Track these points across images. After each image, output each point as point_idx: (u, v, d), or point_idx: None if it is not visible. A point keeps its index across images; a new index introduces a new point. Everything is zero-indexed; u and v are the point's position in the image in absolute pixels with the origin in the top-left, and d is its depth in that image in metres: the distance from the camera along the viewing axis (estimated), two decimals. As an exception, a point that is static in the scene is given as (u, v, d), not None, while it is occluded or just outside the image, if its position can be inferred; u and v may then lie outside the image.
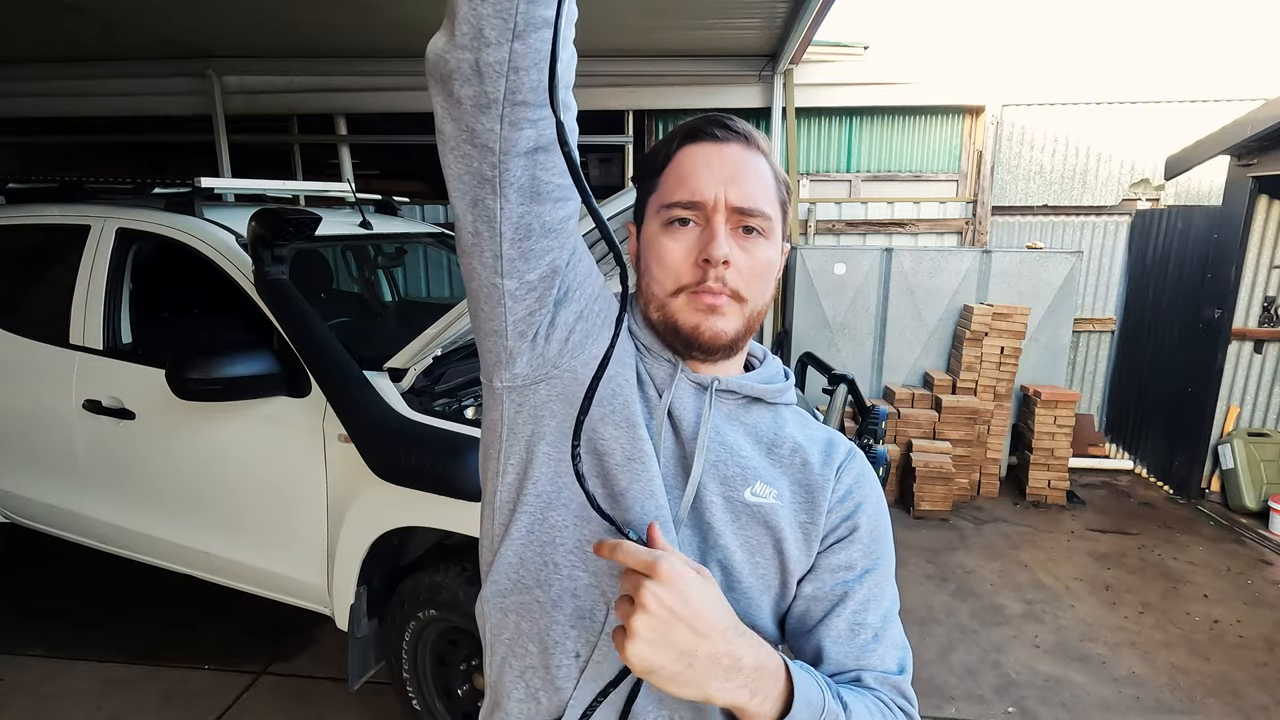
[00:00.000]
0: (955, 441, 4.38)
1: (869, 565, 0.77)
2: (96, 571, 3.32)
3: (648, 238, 0.74)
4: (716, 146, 0.72)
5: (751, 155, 0.73)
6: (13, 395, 2.74)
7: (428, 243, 3.51)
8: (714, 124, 0.73)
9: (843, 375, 3.00)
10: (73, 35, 4.41)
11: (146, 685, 2.61)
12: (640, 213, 0.77)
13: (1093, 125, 5.02)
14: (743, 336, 0.74)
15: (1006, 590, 3.38)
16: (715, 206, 0.70)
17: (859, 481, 0.79)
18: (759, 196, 0.71)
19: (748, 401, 0.78)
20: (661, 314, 0.74)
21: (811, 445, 0.79)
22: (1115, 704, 2.59)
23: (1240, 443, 4.41)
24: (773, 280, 0.75)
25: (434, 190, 11.26)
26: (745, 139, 0.73)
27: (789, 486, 0.77)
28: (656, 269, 0.73)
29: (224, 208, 2.77)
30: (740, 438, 0.77)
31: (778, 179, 0.75)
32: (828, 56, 4.92)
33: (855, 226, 5.18)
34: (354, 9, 3.87)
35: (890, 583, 0.79)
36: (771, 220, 0.72)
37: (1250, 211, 4.22)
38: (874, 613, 0.75)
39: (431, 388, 2.16)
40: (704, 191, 0.70)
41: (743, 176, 0.71)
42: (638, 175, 0.77)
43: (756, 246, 0.72)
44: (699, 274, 0.70)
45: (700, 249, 0.70)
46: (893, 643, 0.75)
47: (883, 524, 0.80)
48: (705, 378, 0.76)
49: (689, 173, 0.71)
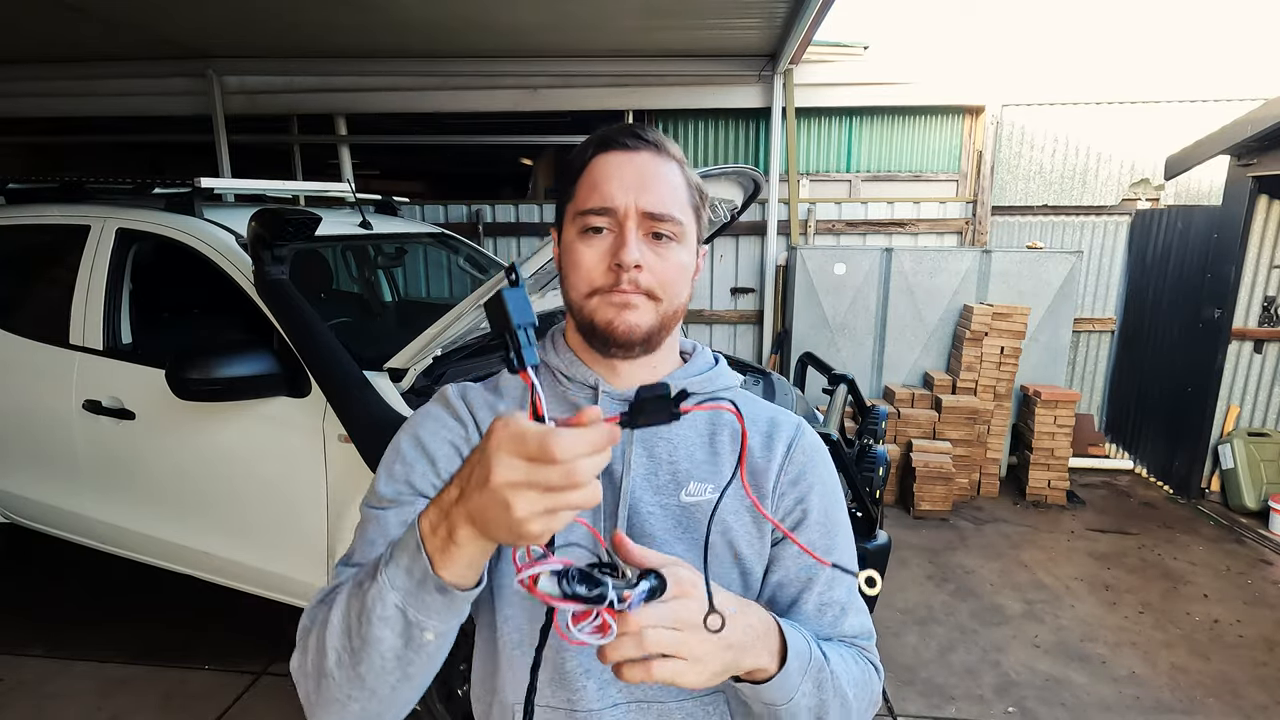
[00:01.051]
0: (955, 441, 4.38)
1: (828, 545, 0.80)
2: (96, 571, 3.32)
3: (566, 243, 0.77)
4: (628, 155, 0.74)
5: (662, 163, 0.75)
6: (13, 395, 2.74)
7: (428, 243, 3.51)
8: (625, 134, 0.75)
9: (843, 375, 3.00)
10: (73, 35, 4.41)
11: (146, 685, 2.61)
12: (560, 219, 0.79)
13: (1093, 125, 5.02)
14: (658, 332, 0.76)
15: (1006, 590, 3.38)
16: (626, 213, 0.72)
17: (810, 460, 0.82)
18: (669, 202, 0.74)
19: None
20: (580, 315, 0.76)
21: (751, 429, 0.82)
22: (1115, 704, 2.59)
23: (1240, 442, 4.42)
24: (688, 281, 0.77)
25: (434, 190, 11.27)
26: (656, 147, 0.76)
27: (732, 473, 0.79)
28: (573, 274, 0.75)
29: (224, 208, 2.77)
30: (678, 436, 0.80)
31: (689, 185, 0.77)
32: (828, 56, 4.92)
33: (855, 226, 5.18)
34: (355, 9, 3.87)
35: (849, 557, 0.82)
36: (682, 225, 0.75)
37: (1250, 211, 4.22)
38: (839, 589, 0.79)
39: (431, 388, 2.16)
40: (615, 198, 0.72)
41: (653, 184, 0.73)
42: (556, 180, 0.79)
43: (668, 250, 0.74)
44: (612, 278, 0.73)
45: (613, 254, 0.73)
46: (857, 610, 0.81)
47: (835, 502, 0.83)
48: (628, 391, 0.78)
49: (601, 180, 0.74)
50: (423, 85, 5.08)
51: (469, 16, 4.02)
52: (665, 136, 0.78)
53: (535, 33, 4.33)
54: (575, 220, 0.75)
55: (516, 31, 4.29)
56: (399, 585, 0.58)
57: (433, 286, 4.95)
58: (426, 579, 0.57)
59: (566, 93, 5.06)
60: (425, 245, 3.66)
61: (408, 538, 0.59)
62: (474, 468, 0.52)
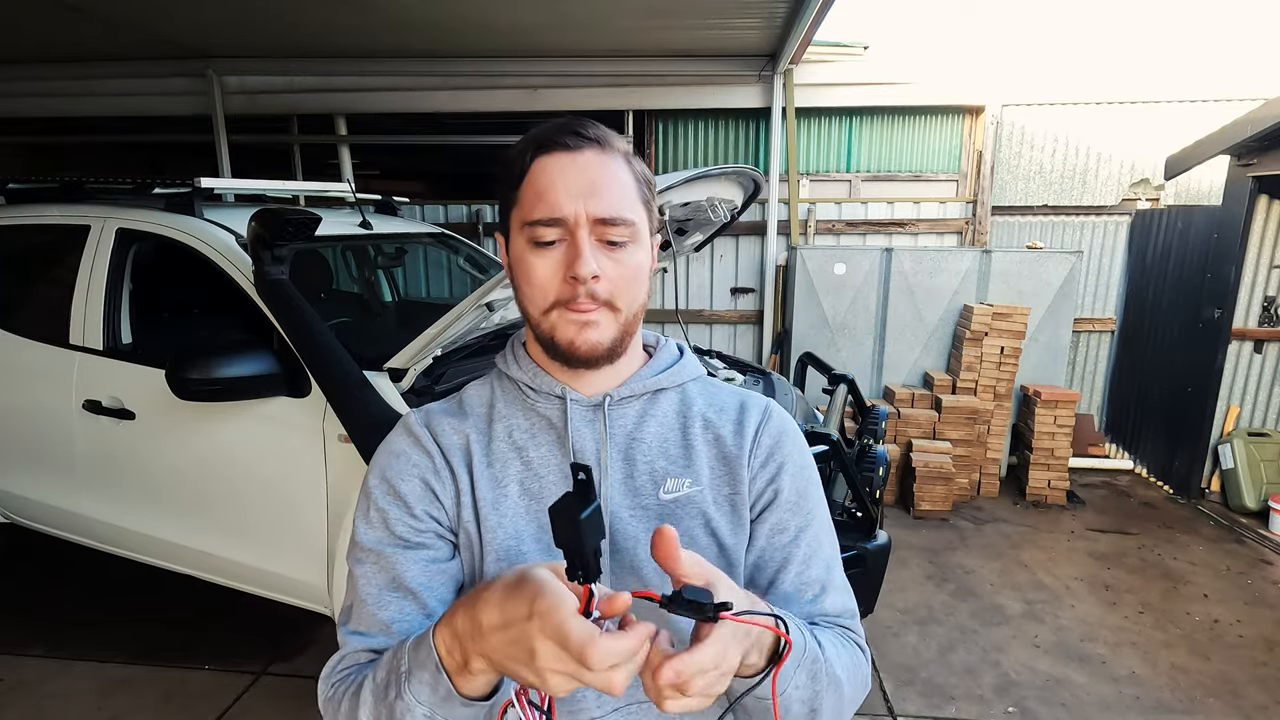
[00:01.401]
0: (955, 441, 4.38)
1: (802, 523, 0.79)
2: (96, 571, 3.32)
3: (516, 253, 0.73)
4: (570, 156, 0.70)
5: (608, 160, 0.71)
6: (13, 395, 2.74)
7: (428, 243, 3.51)
8: (566, 132, 0.71)
9: (843, 375, 3.01)
10: (73, 35, 4.41)
11: (146, 685, 2.61)
12: (505, 225, 0.75)
13: (1093, 125, 5.02)
14: (621, 341, 0.74)
15: (1006, 590, 3.38)
16: (577, 221, 0.69)
17: (779, 442, 0.81)
18: (621, 203, 0.70)
19: (652, 395, 0.80)
20: (539, 330, 0.74)
21: (721, 416, 0.81)
22: (1115, 704, 2.59)
23: (1240, 442, 4.42)
24: (645, 281, 0.75)
25: (434, 190, 11.26)
26: (599, 144, 0.71)
27: (708, 464, 0.79)
28: (527, 288, 0.72)
29: (224, 208, 2.77)
30: (652, 434, 0.79)
31: (638, 178, 0.74)
32: (828, 56, 4.92)
33: (855, 226, 5.18)
34: (355, 9, 3.87)
35: (826, 533, 0.81)
36: (636, 225, 0.72)
37: (1250, 211, 4.22)
38: (816, 567, 0.78)
39: (431, 388, 2.16)
40: (563, 207, 0.69)
41: (602, 185, 0.69)
42: (498, 183, 0.77)
43: (624, 254, 0.71)
44: (569, 290, 0.70)
45: (567, 266, 0.69)
46: (837, 588, 0.80)
47: (807, 479, 0.81)
48: (598, 397, 0.78)
49: (546, 187, 0.69)
50: (423, 85, 5.08)
51: (468, 16, 4.02)
52: (606, 129, 0.73)
53: (535, 33, 4.33)
54: (523, 230, 0.71)
55: (516, 31, 4.29)
56: (425, 700, 0.61)
57: (433, 286, 4.95)
58: (451, 696, 0.60)
59: (566, 93, 5.06)
60: (425, 245, 3.66)
61: (425, 657, 0.60)
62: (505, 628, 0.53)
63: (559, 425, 0.77)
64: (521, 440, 0.78)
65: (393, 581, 0.74)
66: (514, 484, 0.77)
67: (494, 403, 0.81)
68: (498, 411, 0.80)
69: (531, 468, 0.77)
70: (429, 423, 0.81)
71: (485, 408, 0.82)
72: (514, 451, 0.78)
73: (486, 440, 0.79)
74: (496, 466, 0.77)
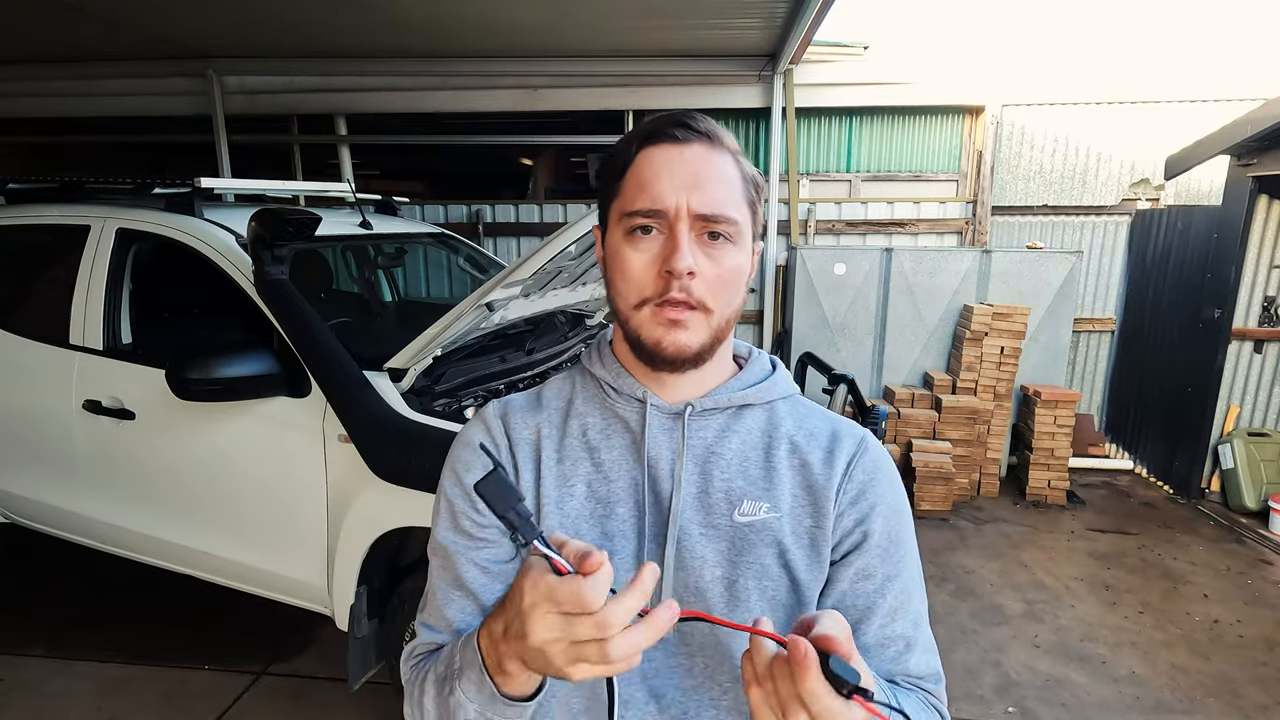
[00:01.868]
0: (955, 441, 4.38)
1: (891, 572, 0.73)
2: (96, 571, 3.32)
3: (611, 246, 0.71)
4: (678, 149, 0.68)
5: (716, 156, 0.69)
6: (13, 395, 2.74)
7: (428, 243, 3.50)
8: (675, 124, 0.69)
9: (843, 375, 3.00)
10: (73, 35, 4.41)
11: (146, 685, 2.61)
12: (604, 219, 0.74)
13: (1093, 125, 5.02)
14: (710, 347, 0.71)
15: (1006, 590, 3.38)
16: (678, 214, 0.66)
17: (873, 479, 0.75)
18: (724, 201, 0.68)
19: (737, 410, 0.76)
20: (627, 327, 0.71)
21: (810, 443, 0.76)
22: (1115, 704, 2.59)
23: (1240, 442, 4.42)
24: (742, 286, 0.72)
25: (434, 190, 11.26)
26: (709, 138, 0.69)
27: (790, 491, 0.73)
28: (620, 282, 0.70)
29: (224, 208, 2.77)
30: (732, 451, 0.74)
31: (745, 178, 0.71)
32: (828, 56, 4.92)
33: (855, 226, 5.18)
34: (354, 9, 3.87)
35: (916, 585, 0.75)
36: (738, 225, 0.69)
37: (1250, 211, 4.22)
38: (902, 623, 0.72)
39: (431, 388, 2.16)
40: (665, 198, 0.66)
41: (706, 180, 0.67)
42: (600, 177, 0.75)
43: (723, 253, 0.68)
44: (662, 285, 0.67)
45: (663, 260, 0.67)
46: (924, 647, 0.73)
47: (901, 523, 0.75)
48: (679, 405, 0.74)
49: (649, 178, 0.67)
50: (423, 85, 5.08)
51: (467, 16, 4.02)
52: (719, 126, 0.71)
53: (535, 32, 4.33)
54: (621, 221, 0.69)
55: (516, 31, 4.29)
56: (473, 698, 0.62)
57: (433, 286, 4.95)
58: (495, 698, 0.60)
59: (566, 93, 5.06)
60: (425, 245, 3.66)
61: (471, 655, 0.61)
62: (512, 618, 0.54)
63: (636, 430, 0.75)
64: (595, 440, 0.76)
65: (456, 580, 0.73)
66: (581, 484, 0.74)
67: (572, 398, 0.79)
68: (575, 408, 0.78)
69: (602, 470, 0.74)
70: (505, 414, 0.79)
71: (563, 403, 0.79)
72: (585, 451, 0.75)
73: (560, 436, 0.77)
74: (566, 464, 0.75)
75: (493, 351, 2.46)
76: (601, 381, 0.77)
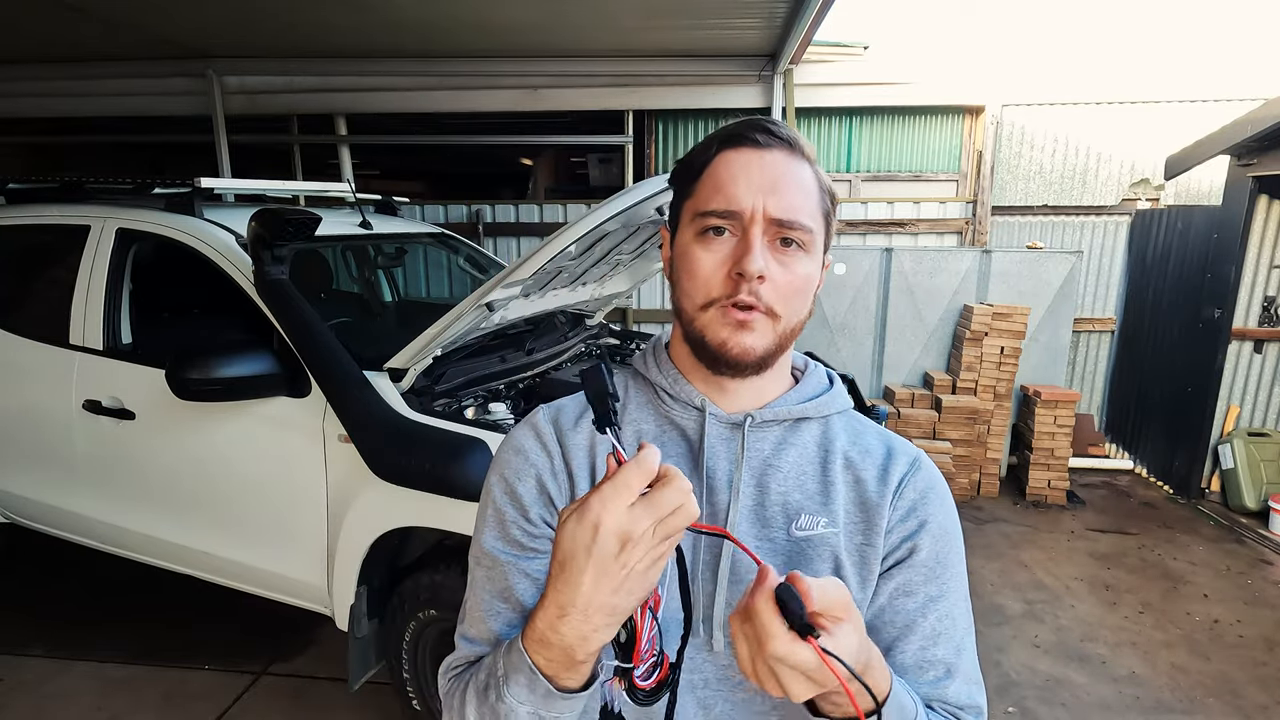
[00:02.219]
0: (955, 441, 4.38)
1: (935, 593, 0.71)
2: (96, 571, 3.32)
3: (681, 246, 0.71)
4: (758, 153, 0.68)
5: (795, 163, 0.68)
6: (13, 395, 2.74)
7: (428, 243, 3.50)
8: (756, 129, 0.68)
9: (843, 375, 3.00)
10: (73, 35, 4.40)
11: (146, 685, 2.61)
12: (675, 219, 0.74)
13: (1093, 125, 5.02)
14: (774, 354, 0.70)
15: (1006, 590, 3.38)
16: (753, 217, 0.66)
17: (924, 497, 0.74)
18: (800, 208, 0.67)
19: (794, 423, 0.75)
20: (691, 328, 0.70)
21: (865, 459, 0.75)
22: (1115, 704, 2.59)
23: (1240, 442, 4.41)
24: (810, 296, 0.71)
25: (434, 190, 11.26)
26: (789, 145, 0.69)
27: (844, 506, 0.73)
28: (687, 281, 0.69)
29: (224, 208, 2.77)
30: (790, 464, 0.74)
31: (822, 189, 0.70)
32: (828, 56, 4.92)
33: (855, 226, 5.18)
34: (353, 9, 3.87)
35: (961, 613, 0.73)
36: (812, 233, 0.68)
37: (1250, 211, 4.22)
38: (944, 647, 0.70)
39: (431, 388, 2.16)
40: (741, 200, 0.66)
41: (784, 186, 0.67)
42: (675, 180, 0.75)
43: (795, 261, 0.68)
44: (731, 287, 0.67)
45: (734, 261, 0.66)
46: (966, 678, 0.71)
47: (949, 546, 0.74)
48: (738, 415, 0.73)
49: (727, 180, 0.67)
50: (422, 85, 5.08)
51: (463, 17, 4.02)
52: (799, 134, 0.70)
53: (534, 33, 4.33)
54: (694, 222, 0.68)
55: (515, 31, 4.29)
56: (525, 700, 0.60)
57: (433, 286, 4.94)
58: (551, 695, 0.59)
59: (566, 93, 5.06)
60: (425, 245, 3.66)
61: (518, 660, 0.59)
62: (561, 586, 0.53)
63: (694, 439, 0.73)
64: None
65: (503, 592, 0.71)
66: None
67: (626, 404, 0.78)
68: (628, 413, 0.77)
69: None
70: (556, 418, 0.77)
71: (629, 404, 0.78)
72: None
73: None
74: None
75: (493, 351, 2.46)
76: (657, 387, 0.76)
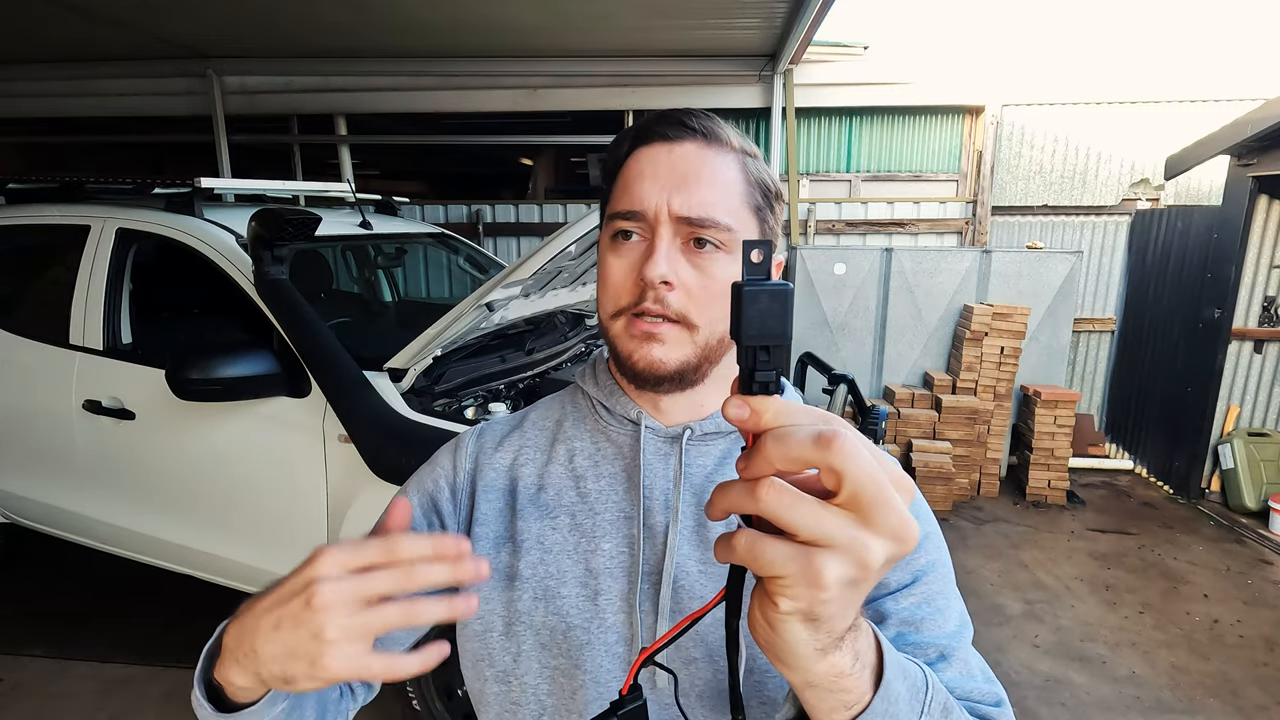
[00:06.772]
0: (955, 441, 4.38)
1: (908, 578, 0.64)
2: (96, 571, 3.32)
3: (599, 253, 0.66)
4: (667, 147, 0.62)
5: (713, 155, 0.62)
6: (13, 395, 2.74)
7: (428, 243, 3.51)
8: (666, 122, 0.63)
9: (843, 375, 3.00)
10: (73, 35, 4.40)
11: (146, 685, 2.61)
12: (600, 221, 0.69)
13: (1093, 125, 5.02)
14: (696, 366, 0.63)
15: (1006, 590, 3.38)
16: (657, 217, 0.60)
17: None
18: (714, 204, 0.61)
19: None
20: (606, 339, 0.66)
21: None
22: (1115, 704, 2.59)
23: (1240, 443, 4.41)
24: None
25: (434, 190, 11.26)
26: (703, 136, 0.63)
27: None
28: (600, 290, 0.65)
29: (224, 208, 2.77)
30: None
31: (751, 181, 0.64)
32: (827, 56, 4.92)
33: (855, 226, 5.18)
34: (353, 9, 3.87)
35: (953, 598, 0.65)
36: (731, 231, 0.61)
37: (1250, 211, 4.22)
38: (929, 630, 0.62)
39: (431, 388, 2.16)
40: (644, 200, 0.61)
41: (695, 181, 0.61)
42: (601, 180, 0.71)
43: (711, 263, 0.61)
44: (637, 294, 0.61)
45: (639, 267, 0.61)
46: (965, 663, 0.65)
47: (932, 556, 0.65)
48: (676, 428, 0.67)
49: (634, 178, 0.62)
50: (422, 85, 5.08)
51: (461, 16, 4.02)
52: (725, 124, 0.65)
53: (534, 33, 4.33)
54: (607, 226, 0.64)
55: (515, 31, 4.29)
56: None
57: (433, 286, 4.95)
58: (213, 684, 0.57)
59: (566, 93, 5.06)
60: (425, 245, 3.66)
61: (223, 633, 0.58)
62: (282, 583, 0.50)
63: (629, 455, 0.68)
64: (582, 467, 0.69)
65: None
66: (565, 516, 0.68)
67: (562, 420, 0.73)
68: (564, 431, 0.72)
69: (587, 500, 0.68)
70: (481, 433, 0.74)
71: (551, 424, 0.74)
72: (571, 480, 0.69)
73: (544, 461, 0.71)
74: (550, 493, 0.69)
75: (493, 351, 2.46)
76: (594, 400, 0.71)
